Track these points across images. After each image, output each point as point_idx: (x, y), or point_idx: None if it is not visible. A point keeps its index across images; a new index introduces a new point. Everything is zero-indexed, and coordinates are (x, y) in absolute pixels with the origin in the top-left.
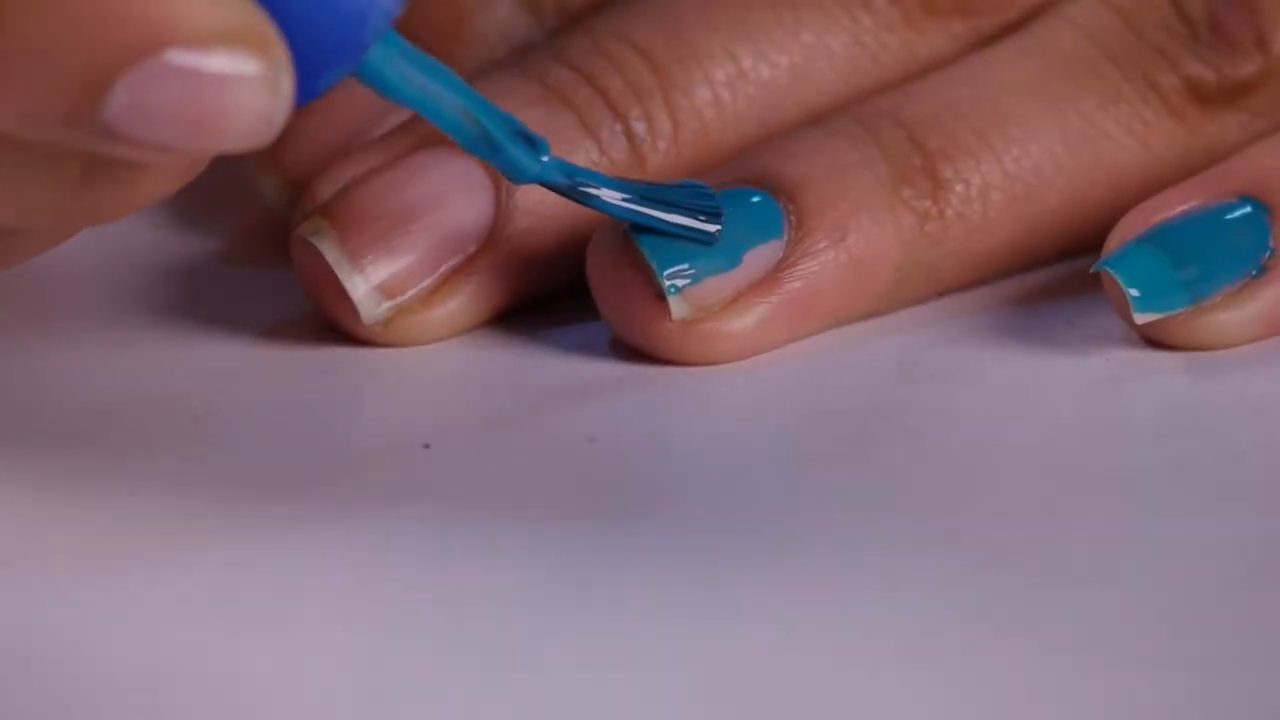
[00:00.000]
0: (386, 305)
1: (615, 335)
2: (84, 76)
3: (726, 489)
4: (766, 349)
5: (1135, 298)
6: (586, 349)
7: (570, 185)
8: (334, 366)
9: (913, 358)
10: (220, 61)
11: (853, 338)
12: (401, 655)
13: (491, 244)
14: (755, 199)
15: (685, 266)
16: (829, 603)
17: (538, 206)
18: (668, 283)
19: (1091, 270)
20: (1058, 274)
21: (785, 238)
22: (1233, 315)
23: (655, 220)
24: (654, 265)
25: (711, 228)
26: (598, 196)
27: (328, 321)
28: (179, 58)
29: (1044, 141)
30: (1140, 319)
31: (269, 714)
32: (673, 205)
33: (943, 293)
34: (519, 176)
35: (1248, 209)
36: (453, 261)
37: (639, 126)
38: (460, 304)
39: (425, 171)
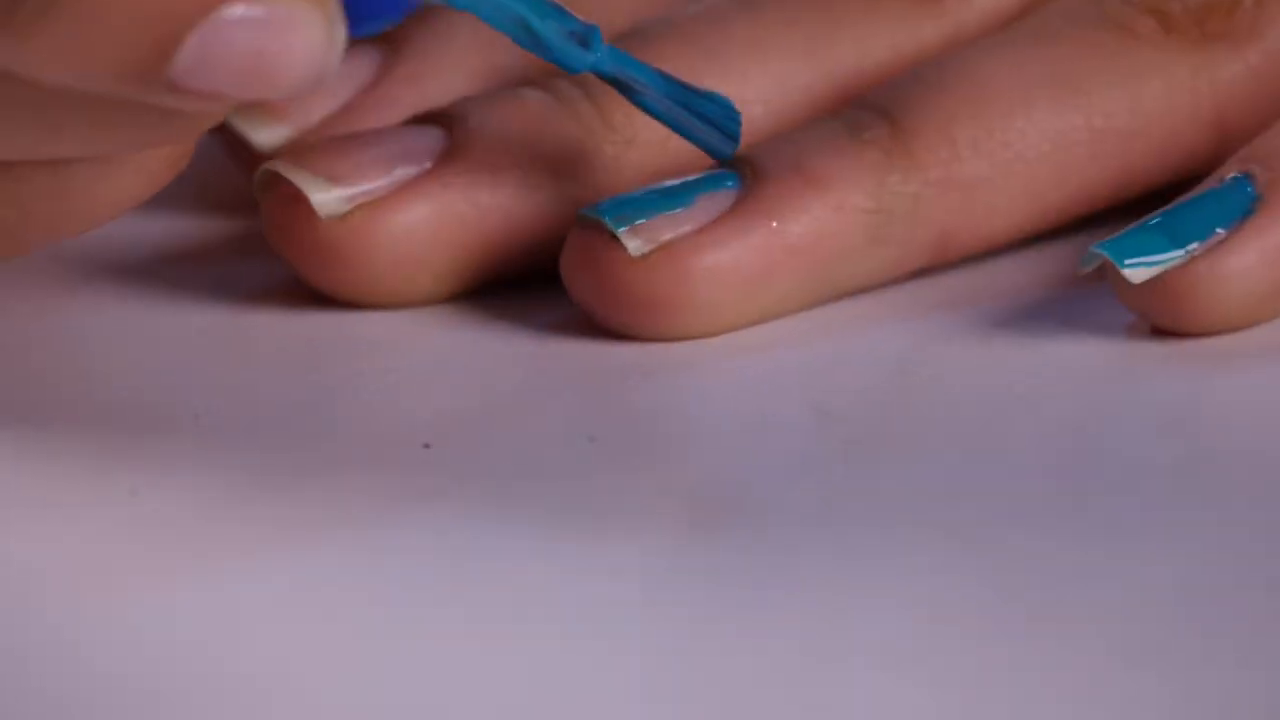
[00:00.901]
0: (340, 193)
1: (601, 325)
2: (157, 32)
3: (726, 489)
4: (749, 292)
5: (1126, 261)
6: (586, 349)
7: (617, 78)
8: (334, 365)
9: (912, 356)
10: (282, 11)
11: (851, 337)
12: (401, 656)
13: (447, 160)
14: (725, 178)
15: (632, 212)
16: (830, 603)
17: (494, 131)
18: (614, 223)
19: (1078, 273)
20: (1056, 272)
21: (740, 185)
22: (1236, 261)
23: (684, 126)
24: (599, 217)
25: (728, 147)
26: (641, 93)
27: (293, 269)
28: (243, 10)
29: (1007, 75)
30: (1134, 275)
31: (268, 713)
32: (703, 118)
33: (949, 241)
34: (571, 68)
35: (1234, 179)
36: (407, 169)
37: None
38: (422, 216)
39: (382, 129)
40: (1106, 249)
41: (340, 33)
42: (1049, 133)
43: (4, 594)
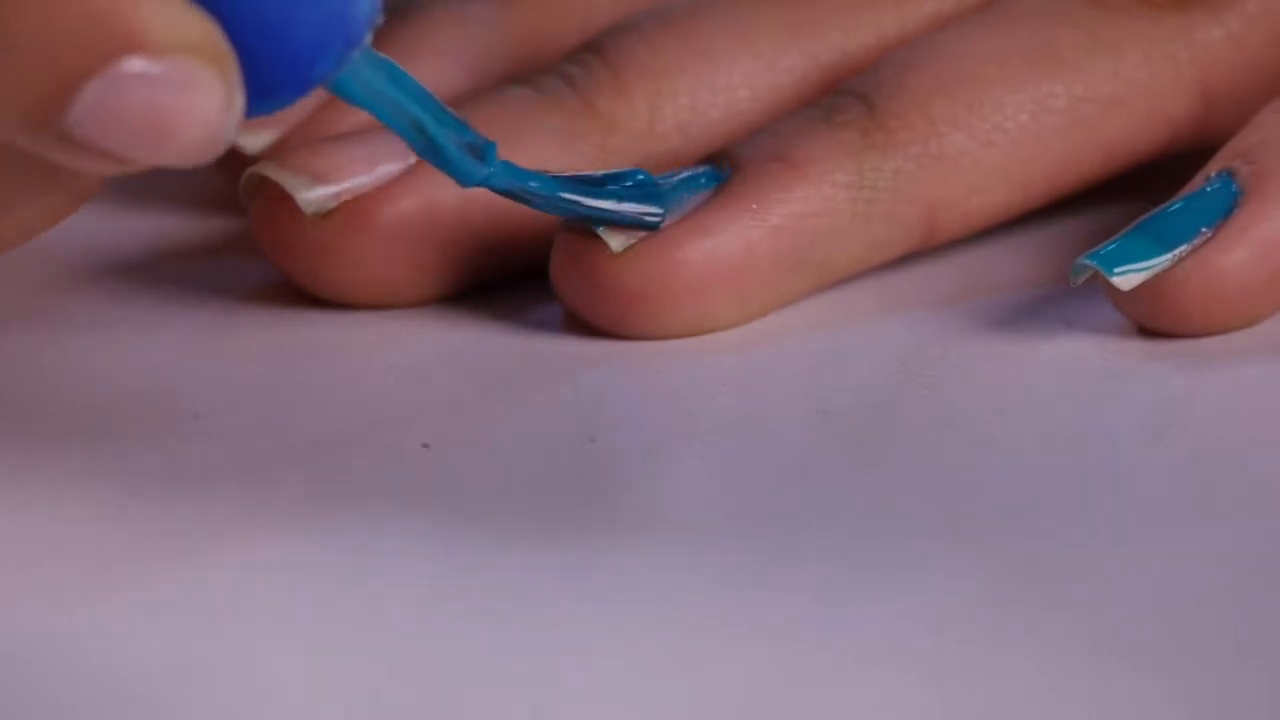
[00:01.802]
0: (325, 191)
1: (592, 325)
2: (55, 77)
3: (727, 490)
4: (735, 279)
5: (1115, 270)
6: (584, 348)
7: (512, 190)
8: (332, 364)
9: (912, 357)
10: (182, 71)
11: (852, 336)
12: (401, 656)
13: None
14: (700, 175)
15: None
16: (830, 604)
17: (480, 125)
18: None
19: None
20: (1056, 272)
21: (720, 184)
22: (1224, 258)
23: (596, 217)
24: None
25: (654, 217)
26: (539, 202)
27: (284, 272)
28: (144, 65)
29: (984, 51)
30: (1124, 283)
31: (268, 714)
32: (615, 196)
33: (936, 217)
34: (464, 181)
35: (1216, 177)
36: (390, 166)
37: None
38: (409, 210)
39: (366, 129)
40: (1095, 259)
41: (238, 100)
42: (1027, 103)
43: (3, 595)
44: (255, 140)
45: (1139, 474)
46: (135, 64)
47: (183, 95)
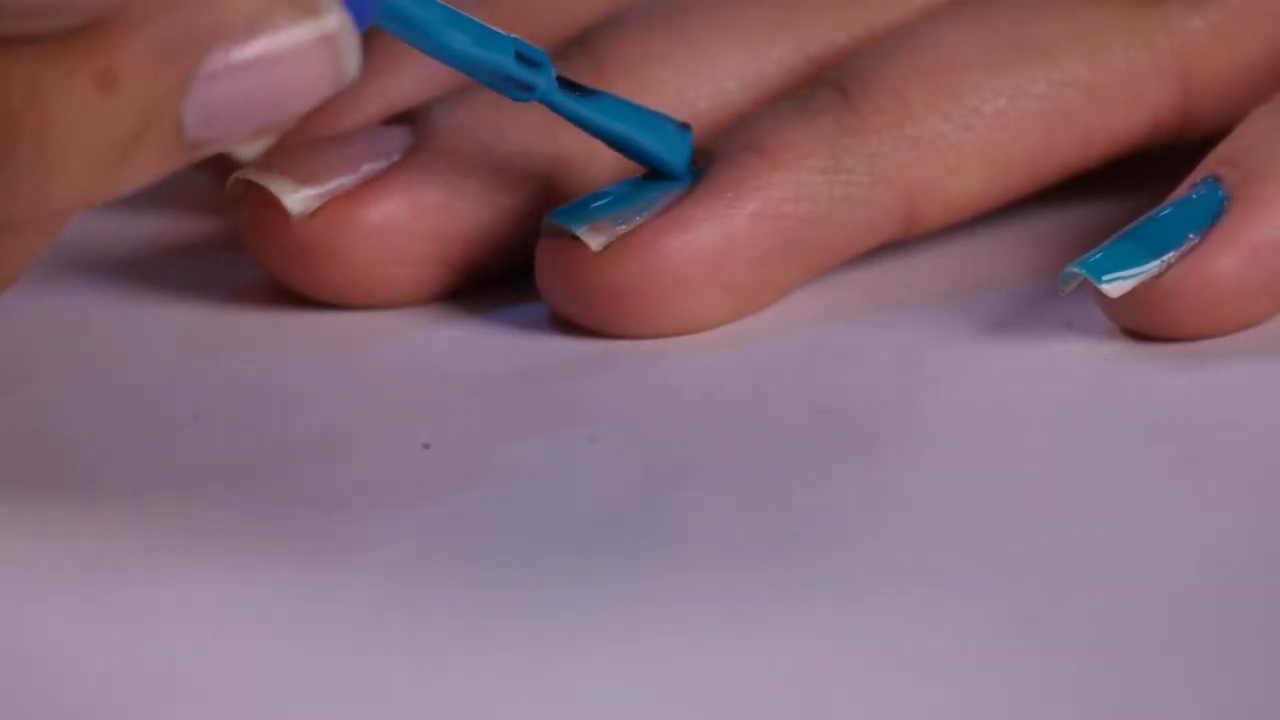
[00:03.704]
0: (310, 192)
1: (583, 327)
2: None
3: (726, 489)
4: (718, 270)
5: (1104, 277)
6: (582, 348)
7: (561, 108)
8: (333, 364)
9: (912, 357)
10: (275, 39)
11: (851, 336)
12: (400, 655)
13: (415, 153)
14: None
15: (591, 212)
16: (831, 605)
17: (460, 123)
18: (573, 224)
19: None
20: (1057, 270)
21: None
22: (1213, 265)
23: (633, 142)
24: (557, 222)
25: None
26: (587, 116)
27: (275, 275)
28: (233, 53)
29: (963, 39)
30: (1113, 290)
31: (267, 715)
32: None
33: (916, 202)
34: (517, 97)
35: (1202, 183)
36: (375, 164)
37: None
38: (395, 207)
39: (349, 131)
40: (1083, 267)
41: (334, 19)
42: (1006, 88)
43: (3, 595)
44: (248, 148)
45: (1139, 474)
46: (224, 53)
47: (285, 57)
